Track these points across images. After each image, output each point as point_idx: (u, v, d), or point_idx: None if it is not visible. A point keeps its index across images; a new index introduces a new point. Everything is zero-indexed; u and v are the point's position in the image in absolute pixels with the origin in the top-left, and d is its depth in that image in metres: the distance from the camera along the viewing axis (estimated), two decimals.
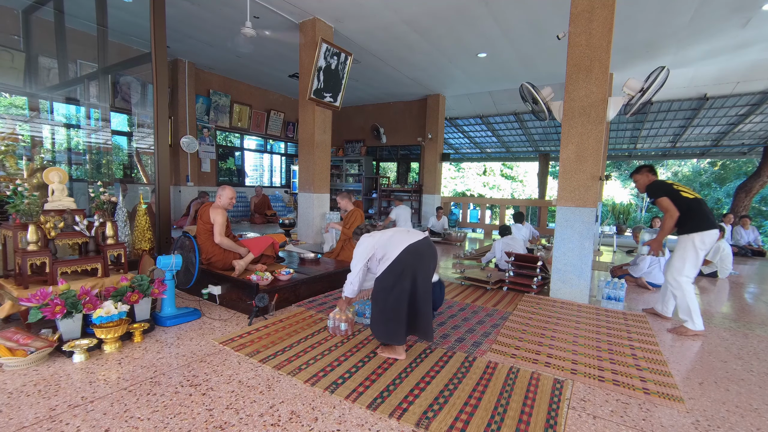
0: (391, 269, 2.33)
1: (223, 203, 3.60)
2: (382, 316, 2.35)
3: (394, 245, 2.37)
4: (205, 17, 5.79)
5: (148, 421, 1.71)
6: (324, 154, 6.16)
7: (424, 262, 2.37)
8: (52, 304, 2.37)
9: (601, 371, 2.36)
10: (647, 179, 3.49)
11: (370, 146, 11.67)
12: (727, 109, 9.31)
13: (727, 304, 4.24)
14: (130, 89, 7.18)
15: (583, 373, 2.31)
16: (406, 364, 2.35)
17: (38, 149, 5.02)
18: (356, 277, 2.52)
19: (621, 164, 22.47)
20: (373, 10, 5.32)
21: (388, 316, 2.33)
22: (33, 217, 2.85)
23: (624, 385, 2.18)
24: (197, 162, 8.65)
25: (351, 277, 2.56)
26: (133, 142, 7.13)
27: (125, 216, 4.06)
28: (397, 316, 2.30)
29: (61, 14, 5.16)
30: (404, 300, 2.30)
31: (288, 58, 7.33)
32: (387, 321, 2.33)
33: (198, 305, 3.28)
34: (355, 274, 2.52)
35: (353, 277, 2.54)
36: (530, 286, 4.18)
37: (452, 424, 1.75)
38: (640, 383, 2.22)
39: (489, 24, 5.65)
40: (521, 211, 9.18)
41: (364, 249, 2.49)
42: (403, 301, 2.30)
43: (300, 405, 1.88)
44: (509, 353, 2.56)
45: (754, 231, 7.92)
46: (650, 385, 2.21)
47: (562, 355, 2.57)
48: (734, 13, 5.03)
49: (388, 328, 2.33)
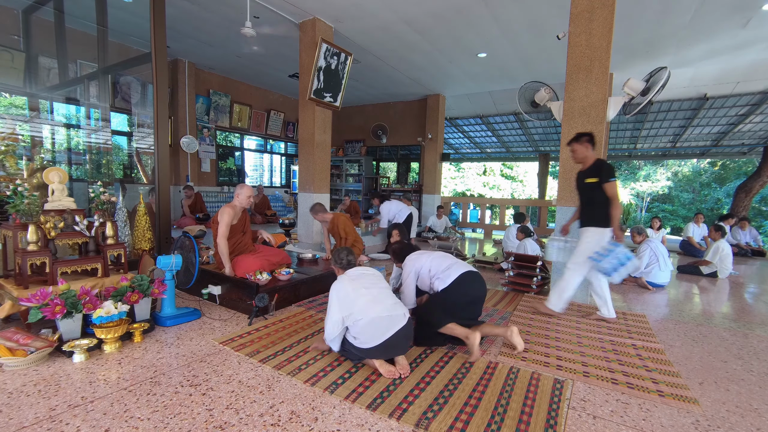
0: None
1: (241, 202, 3.61)
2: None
3: (360, 312, 2.19)
4: (205, 17, 5.79)
5: (148, 421, 1.71)
6: (324, 154, 6.16)
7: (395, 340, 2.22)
8: (52, 304, 2.37)
9: (612, 373, 2.35)
10: (587, 151, 3.23)
11: (370, 146, 11.67)
12: (727, 109, 9.31)
13: (727, 304, 4.24)
14: (130, 89, 7.18)
15: (596, 376, 2.29)
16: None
17: (38, 149, 5.02)
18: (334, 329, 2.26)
19: (621, 164, 22.48)
20: (373, 10, 5.32)
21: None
22: (33, 217, 2.85)
23: (639, 388, 2.16)
24: (197, 162, 8.65)
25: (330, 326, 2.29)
26: (133, 142, 7.14)
27: (125, 216, 4.06)
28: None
29: (61, 14, 5.16)
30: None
31: (288, 58, 7.32)
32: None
33: (198, 305, 3.28)
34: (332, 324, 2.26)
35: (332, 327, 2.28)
36: (530, 286, 4.18)
37: (452, 425, 1.75)
38: (653, 386, 2.20)
39: (489, 24, 5.65)
40: (522, 211, 9.19)
41: (337, 302, 2.28)
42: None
43: (300, 405, 1.88)
44: (519, 356, 2.55)
45: (751, 231, 7.96)
46: (663, 387, 2.19)
47: (571, 357, 2.56)
48: (734, 13, 5.03)
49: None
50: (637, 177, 23.40)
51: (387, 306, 2.24)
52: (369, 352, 2.20)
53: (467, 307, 2.70)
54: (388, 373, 2.17)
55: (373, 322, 2.16)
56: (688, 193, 21.48)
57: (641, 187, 23.05)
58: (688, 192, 21.54)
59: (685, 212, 20.56)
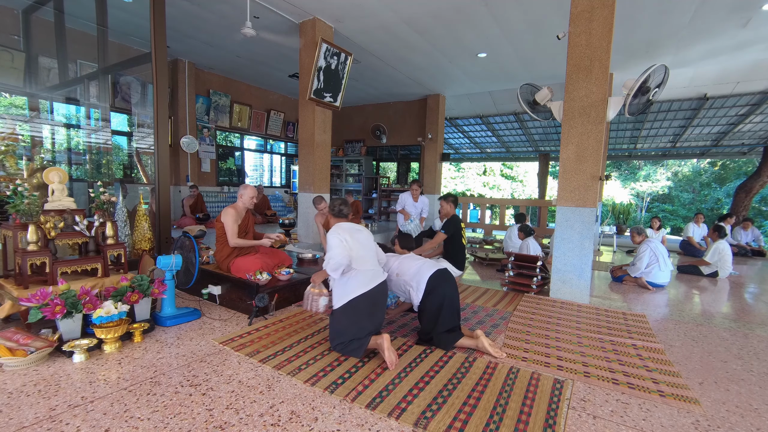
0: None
1: (244, 203, 3.61)
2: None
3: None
4: (205, 17, 5.79)
5: (148, 421, 1.71)
6: (324, 154, 6.16)
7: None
8: (52, 304, 2.37)
9: (612, 373, 2.35)
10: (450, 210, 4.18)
11: (370, 146, 11.67)
12: (727, 109, 9.31)
13: (727, 304, 4.24)
14: (130, 89, 7.18)
15: (597, 376, 2.29)
16: (405, 364, 2.36)
17: (38, 149, 5.02)
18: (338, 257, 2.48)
19: (621, 164, 22.48)
20: (373, 10, 5.32)
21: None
22: (33, 217, 2.85)
23: (639, 388, 2.17)
24: (197, 162, 8.65)
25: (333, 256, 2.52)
26: (133, 142, 7.13)
27: (125, 216, 4.06)
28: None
29: (61, 14, 5.16)
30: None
31: (288, 58, 7.32)
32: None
33: (198, 305, 3.28)
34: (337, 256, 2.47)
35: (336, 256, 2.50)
36: (530, 286, 4.18)
37: (450, 424, 1.76)
38: (653, 386, 2.20)
39: (489, 24, 5.64)
40: (522, 212, 9.19)
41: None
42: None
43: (300, 405, 1.88)
44: (519, 356, 2.55)
45: (754, 231, 7.96)
46: (664, 387, 2.20)
47: (572, 357, 2.56)
48: (734, 13, 5.03)
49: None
50: (637, 177, 23.39)
51: (374, 262, 2.62)
52: (361, 320, 2.40)
53: (450, 307, 2.67)
54: (391, 360, 2.27)
55: (365, 274, 2.50)
56: (688, 193, 21.47)
57: (641, 187, 23.05)
58: (688, 192, 21.53)
59: (685, 212, 20.55)
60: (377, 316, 2.51)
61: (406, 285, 2.75)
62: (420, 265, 2.78)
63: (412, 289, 2.71)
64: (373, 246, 2.69)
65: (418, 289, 2.66)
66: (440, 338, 2.60)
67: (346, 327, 2.41)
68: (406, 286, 2.75)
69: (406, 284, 2.75)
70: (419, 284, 2.67)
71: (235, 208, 3.55)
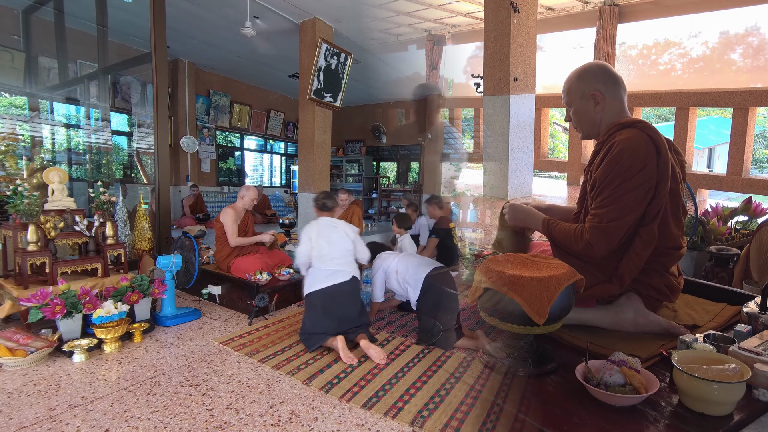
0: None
1: (245, 204, 3.62)
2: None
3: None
4: (205, 17, 5.80)
5: (148, 421, 1.72)
6: (324, 154, 6.16)
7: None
8: (52, 304, 2.38)
9: None
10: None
11: (370, 146, 11.67)
12: None
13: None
14: (130, 89, 7.19)
15: None
16: (403, 363, 2.36)
17: (38, 149, 5.03)
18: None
19: None
20: (373, 10, 5.33)
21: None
22: (33, 217, 2.86)
23: None
24: (197, 162, 8.66)
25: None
26: (133, 142, 7.14)
27: (125, 216, 4.06)
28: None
29: (61, 14, 5.17)
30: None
31: (288, 58, 7.32)
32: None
33: (198, 305, 3.28)
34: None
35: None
36: None
37: (447, 423, 1.76)
38: None
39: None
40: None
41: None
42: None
43: (300, 405, 1.88)
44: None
45: None
46: None
47: None
48: None
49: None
50: None
51: (334, 263, 2.63)
52: (314, 316, 2.51)
53: (449, 307, 2.69)
54: (347, 359, 2.30)
55: (322, 272, 2.59)
56: None
57: None
58: None
59: None
60: (335, 315, 2.53)
61: (405, 283, 2.77)
62: (418, 263, 2.81)
63: (410, 287, 2.73)
64: (344, 245, 2.72)
65: (416, 287, 2.68)
66: (440, 338, 2.61)
67: (305, 319, 2.58)
68: (405, 284, 2.77)
69: (405, 282, 2.77)
70: (417, 282, 2.69)
71: (234, 209, 3.56)
